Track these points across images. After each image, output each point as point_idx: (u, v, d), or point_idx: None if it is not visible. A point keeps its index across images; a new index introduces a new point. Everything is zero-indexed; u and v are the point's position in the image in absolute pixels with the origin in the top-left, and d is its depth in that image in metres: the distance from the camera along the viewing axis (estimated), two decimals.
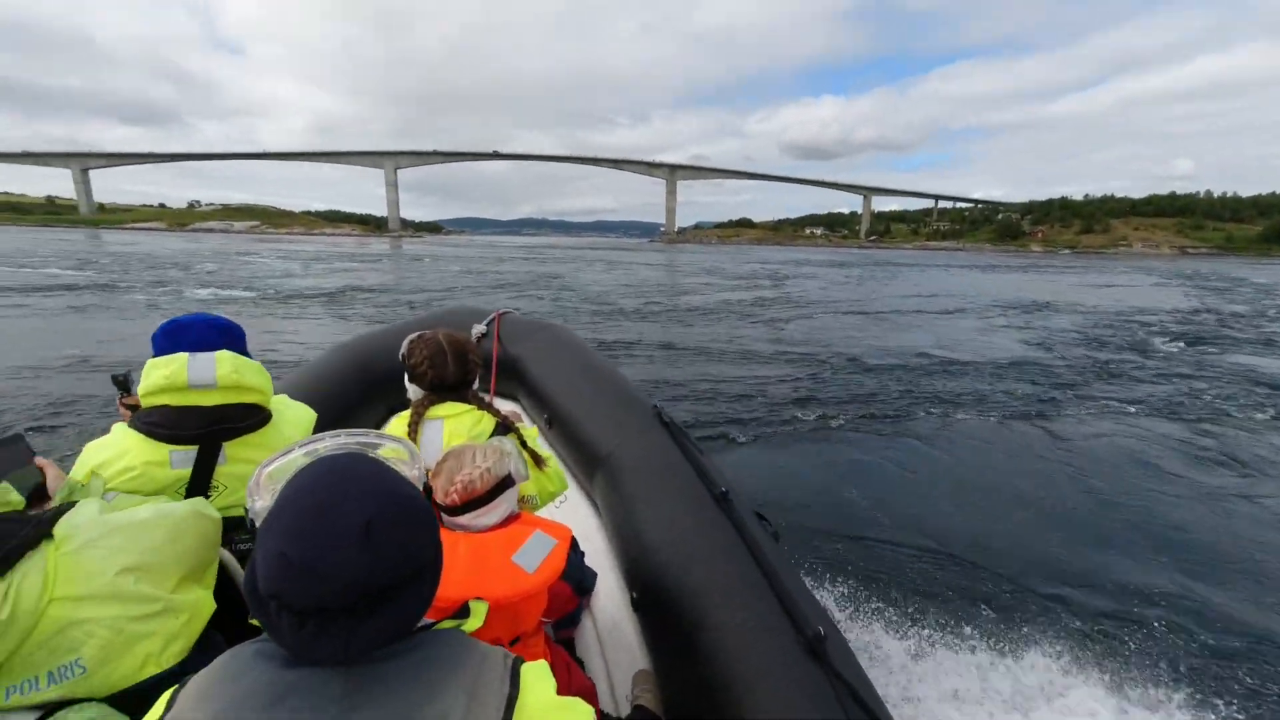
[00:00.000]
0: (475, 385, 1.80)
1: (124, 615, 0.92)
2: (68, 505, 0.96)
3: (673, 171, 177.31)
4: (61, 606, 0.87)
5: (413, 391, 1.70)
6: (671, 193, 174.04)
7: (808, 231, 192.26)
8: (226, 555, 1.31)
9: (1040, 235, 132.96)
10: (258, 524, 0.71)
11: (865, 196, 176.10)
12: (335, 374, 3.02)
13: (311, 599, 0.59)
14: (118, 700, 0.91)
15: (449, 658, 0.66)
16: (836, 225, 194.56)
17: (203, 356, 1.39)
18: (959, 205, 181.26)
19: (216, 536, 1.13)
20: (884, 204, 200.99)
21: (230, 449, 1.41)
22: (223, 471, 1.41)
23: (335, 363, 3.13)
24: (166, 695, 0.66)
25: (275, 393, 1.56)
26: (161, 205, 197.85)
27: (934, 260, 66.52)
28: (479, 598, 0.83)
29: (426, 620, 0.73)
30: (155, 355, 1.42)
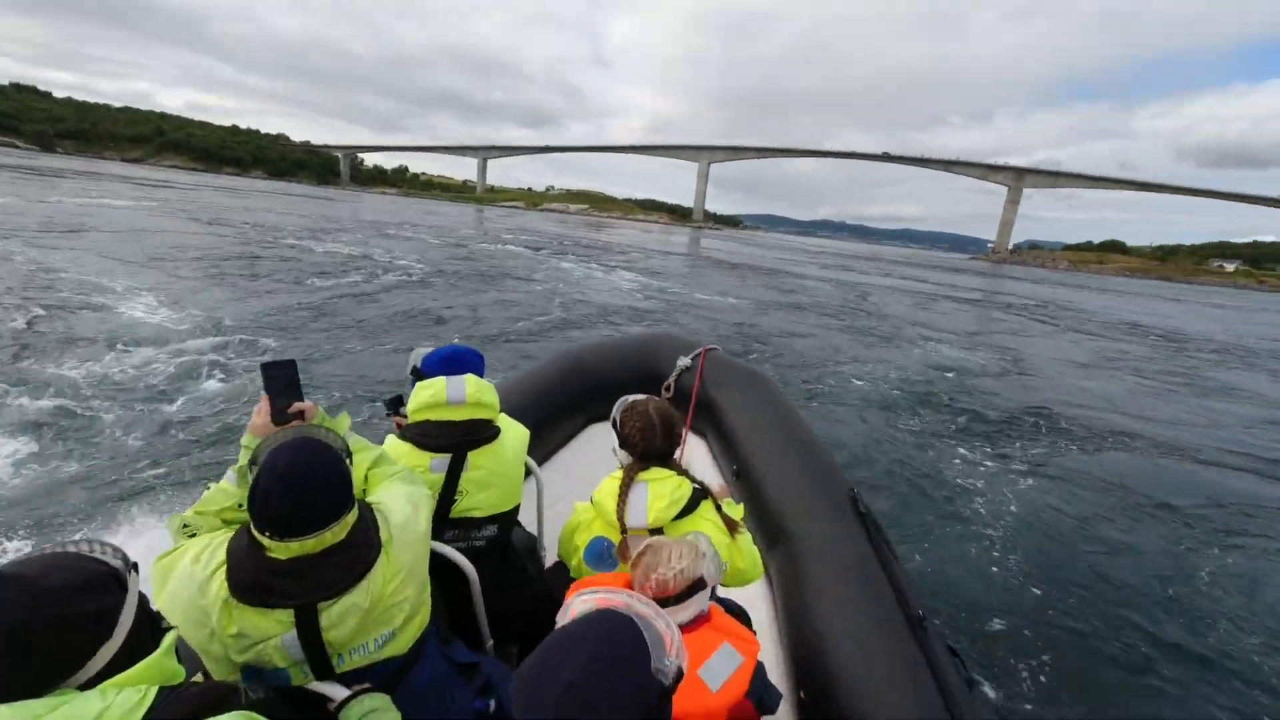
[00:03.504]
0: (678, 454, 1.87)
1: (414, 598, 1.19)
2: (372, 520, 1.16)
3: (1019, 176, 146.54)
4: (391, 587, 1.12)
5: (622, 455, 1.78)
6: (1013, 202, 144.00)
7: (1215, 264, 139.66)
8: (453, 552, 1.58)
9: None
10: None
11: None
12: (548, 381, 3.40)
13: (521, 711, 0.68)
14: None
15: None
16: (1265, 260, 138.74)
17: (456, 379, 1.73)
18: None
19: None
20: None
21: (472, 458, 1.71)
22: (465, 478, 1.70)
23: (551, 371, 3.50)
24: None
25: (501, 395, 1.83)
26: (529, 189, 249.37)
27: None
28: None
29: None
30: (422, 379, 1.78)
